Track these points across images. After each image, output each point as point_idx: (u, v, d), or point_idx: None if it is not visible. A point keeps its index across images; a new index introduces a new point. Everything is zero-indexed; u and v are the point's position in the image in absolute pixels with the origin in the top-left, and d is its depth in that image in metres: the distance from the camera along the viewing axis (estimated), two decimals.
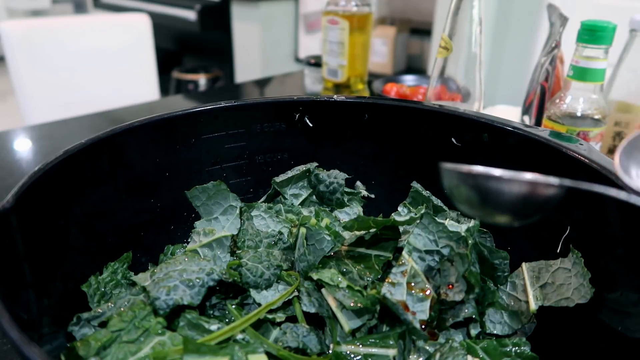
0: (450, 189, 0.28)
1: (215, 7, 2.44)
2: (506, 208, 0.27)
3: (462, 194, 0.28)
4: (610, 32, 0.54)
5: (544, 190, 0.26)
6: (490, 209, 0.27)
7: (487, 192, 0.26)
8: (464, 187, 0.27)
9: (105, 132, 0.40)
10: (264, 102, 0.49)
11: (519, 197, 0.26)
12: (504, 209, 0.27)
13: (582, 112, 0.58)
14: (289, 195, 0.51)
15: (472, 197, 0.27)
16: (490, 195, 0.26)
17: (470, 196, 0.27)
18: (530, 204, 0.26)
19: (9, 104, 3.53)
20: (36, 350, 0.22)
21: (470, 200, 0.27)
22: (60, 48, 1.38)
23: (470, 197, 0.27)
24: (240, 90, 1.34)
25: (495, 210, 0.27)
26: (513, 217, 0.27)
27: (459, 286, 0.37)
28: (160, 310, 0.33)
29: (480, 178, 0.26)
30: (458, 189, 0.28)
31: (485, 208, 0.27)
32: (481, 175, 0.26)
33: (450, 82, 0.62)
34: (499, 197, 0.26)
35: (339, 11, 0.94)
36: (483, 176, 0.26)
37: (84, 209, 0.38)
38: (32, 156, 0.85)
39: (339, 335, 0.36)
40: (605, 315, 0.34)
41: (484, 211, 0.28)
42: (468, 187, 0.27)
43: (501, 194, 0.26)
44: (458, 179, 0.27)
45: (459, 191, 0.28)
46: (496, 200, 0.27)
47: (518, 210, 0.27)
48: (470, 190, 0.27)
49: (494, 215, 0.28)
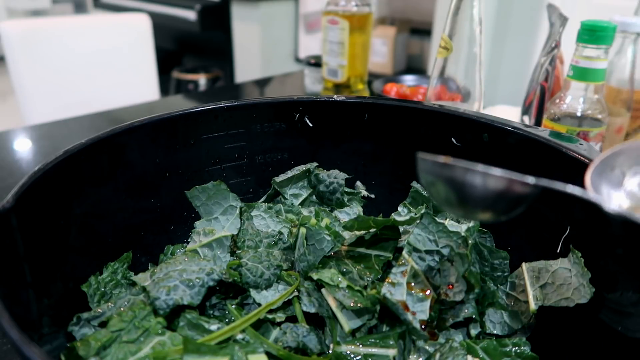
0: (425, 181, 0.28)
1: (215, 7, 2.44)
2: (479, 203, 0.27)
3: (437, 186, 0.27)
4: (610, 32, 0.54)
5: (520, 187, 0.26)
6: (463, 203, 0.27)
7: (462, 186, 0.26)
8: (439, 179, 0.27)
9: (105, 132, 0.40)
10: (264, 102, 0.49)
11: (494, 192, 0.26)
12: (478, 204, 0.27)
13: (582, 112, 0.58)
14: (289, 195, 0.51)
15: (446, 190, 0.27)
16: (465, 189, 0.26)
17: (445, 189, 0.27)
18: (506, 200, 0.26)
19: (9, 104, 3.53)
20: (36, 350, 0.22)
21: (444, 193, 0.27)
22: (60, 48, 1.38)
23: (445, 190, 0.27)
24: (240, 90, 1.34)
25: (469, 205, 0.27)
26: (486, 213, 0.27)
27: (459, 286, 0.37)
28: (160, 310, 0.33)
29: (456, 170, 0.26)
30: (433, 181, 0.27)
31: (459, 202, 0.27)
32: (458, 167, 0.26)
33: (450, 82, 0.62)
34: (473, 192, 0.26)
35: (339, 11, 0.94)
36: (459, 168, 0.26)
37: (84, 209, 0.38)
38: (32, 156, 0.85)
39: (339, 335, 0.36)
40: (605, 315, 0.34)
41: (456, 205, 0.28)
42: (443, 179, 0.27)
43: (475, 189, 0.26)
44: (434, 171, 0.27)
45: (433, 183, 0.27)
46: (469, 195, 0.26)
47: (492, 206, 0.27)
48: (445, 183, 0.27)
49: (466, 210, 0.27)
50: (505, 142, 0.43)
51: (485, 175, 0.26)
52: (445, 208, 0.28)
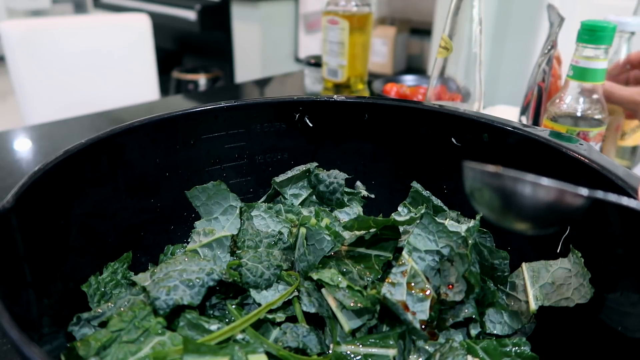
0: (472, 190, 0.27)
1: (215, 7, 2.44)
2: (527, 214, 0.26)
3: (483, 195, 0.27)
4: (610, 32, 0.54)
5: (571, 199, 0.25)
6: (511, 213, 0.26)
7: (511, 196, 0.26)
8: (486, 188, 0.26)
9: (105, 132, 0.40)
10: (264, 102, 0.49)
11: (543, 204, 0.25)
12: (525, 215, 0.26)
13: (582, 112, 0.58)
14: (289, 195, 0.51)
15: (495, 199, 0.26)
16: (514, 199, 0.25)
17: (492, 198, 0.26)
18: (553, 212, 0.25)
19: (9, 104, 3.53)
20: (36, 350, 0.22)
21: (491, 202, 0.27)
22: (60, 48, 1.38)
23: (492, 199, 0.26)
24: (240, 90, 1.34)
25: (515, 216, 0.26)
26: (532, 224, 0.27)
27: (459, 286, 0.37)
28: (160, 310, 0.33)
29: (506, 180, 0.25)
30: (480, 190, 0.27)
31: (506, 212, 0.26)
32: (507, 177, 0.25)
33: (450, 82, 0.62)
34: (522, 202, 0.25)
35: (339, 11, 0.94)
36: (509, 178, 0.25)
37: (84, 209, 0.38)
38: (32, 156, 0.85)
39: (339, 335, 0.36)
40: (605, 315, 0.34)
41: (503, 215, 0.27)
42: (491, 188, 0.26)
43: (525, 199, 0.25)
44: (482, 180, 0.26)
45: (480, 192, 0.27)
46: (519, 205, 0.26)
47: (539, 217, 0.26)
48: (493, 192, 0.26)
49: (513, 221, 0.27)
50: (505, 142, 0.43)
51: (536, 186, 0.25)
52: (489, 217, 0.28)
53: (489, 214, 0.28)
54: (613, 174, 0.34)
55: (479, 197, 0.27)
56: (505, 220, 0.27)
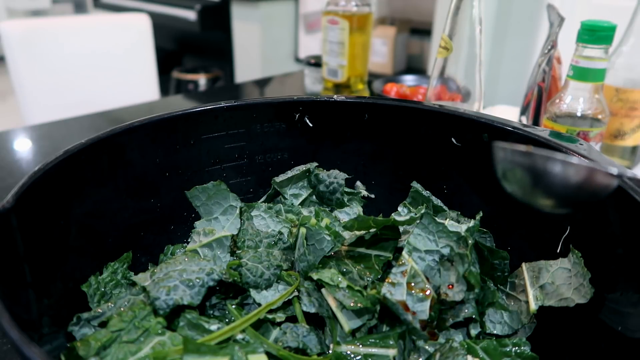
0: (504, 170, 0.28)
1: (215, 7, 2.44)
2: (557, 192, 0.26)
3: (516, 175, 0.27)
4: (610, 32, 0.54)
5: (601, 178, 0.25)
6: (540, 191, 0.27)
7: (542, 174, 0.26)
8: (518, 167, 0.27)
9: (105, 132, 0.40)
10: (264, 102, 0.49)
11: (573, 182, 0.26)
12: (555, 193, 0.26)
13: (582, 112, 0.58)
14: (289, 195, 0.51)
15: (526, 178, 0.27)
16: (545, 177, 0.26)
17: (524, 178, 0.27)
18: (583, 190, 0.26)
19: (9, 104, 3.53)
20: (36, 350, 0.22)
21: (522, 181, 0.27)
22: (60, 48, 1.38)
23: (524, 178, 0.27)
24: (240, 90, 1.34)
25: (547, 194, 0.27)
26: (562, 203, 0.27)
27: (459, 286, 0.37)
28: (160, 310, 0.33)
29: (537, 158, 0.26)
30: (512, 170, 0.27)
31: (537, 191, 0.27)
32: (539, 156, 0.26)
33: (450, 82, 0.62)
34: (553, 180, 0.26)
35: (339, 11, 0.94)
36: (541, 157, 0.26)
37: (84, 209, 0.38)
38: (32, 156, 0.85)
39: (339, 335, 0.36)
40: (605, 315, 0.34)
41: (533, 193, 0.27)
42: (523, 168, 0.26)
43: (555, 177, 0.26)
44: (513, 159, 0.27)
45: (513, 172, 0.27)
46: (550, 183, 0.26)
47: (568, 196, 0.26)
48: (524, 172, 0.26)
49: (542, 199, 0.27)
50: (505, 142, 0.43)
51: (567, 164, 0.25)
52: (521, 197, 0.28)
53: (519, 191, 0.28)
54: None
55: (511, 177, 0.28)
56: (537, 199, 0.28)
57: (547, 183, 0.26)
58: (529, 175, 0.27)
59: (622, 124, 0.68)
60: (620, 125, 0.68)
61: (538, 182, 0.27)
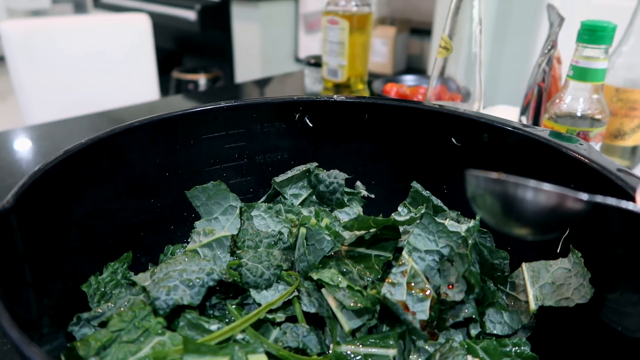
0: (474, 196, 0.28)
1: (215, 7, 2.44)
2: (529, 219, 0.26)
3: (486, 201, 0.27)
4: (610, 32, 0.54)
5: (572, 203, 0.25)
6: (512, 219, 0.27)
7: (513, 201, 0.26)
8: (489, 194, 0.27)
9: (105, 132, 0.40)
10: (264, 102, 0.49)
11: (544, 209, 0.26)
12: (526, 220, 0.26)
13: (582, 112, 0.58)
14: (289, 195, 0.51)
15: (496, 205, 0.27)
16: (515, 204, 0.26)
17: (494, 204, 0.27)
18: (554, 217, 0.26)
19: (9, 104, 3.53)
20: (36, 350, 0.22)
21: (494, 209, 0.27)
22: (60, 48, 1.38)
23: (494, 205, 0.27)
24: (240, 90, 1.34)
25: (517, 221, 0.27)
26: (533, 230, 0.27)
27: (459, 286, 0.37)
28: (160, 310, 0.33)
29: (508, 186, 0.26)
30: (482, 196, 0.27)
31: (508, 217, 0.27)
32: (509, 183, 0.26)
33: (450, 82, 0.62)
34: (524, 207, 0.26)
35: (339, 11, 0.94)
36: (511, 184, 0.26)
37: (84, 209, 0.38)
38: (32, 156, 0.85)
39: (339, 335, 0.36)
40: (605, 315, 0.34)
41: (505, 221, 0.27)
42: (493, 194, 0.27)
43: (526, 204, 0.26)
44: (484, 186, 0.27)
45: (483, 198, 0.27)
46: (520, 210, 0.26)
47: (540, 222, 0.26)
48: (495, 198, 0.27)
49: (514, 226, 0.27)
50: (505, 142, 0.43)
51: (537, 191, 0.25)
52: (491, 223, 0.28)
53: (491, 219, 0.28)
54: (613, 174, 0.34)
55: (481, 203, 0.28)
56: (507, 225, 0.28)
57: (518, 209, 0.26)
58: (500, 202, 0.27)
59: (622, 124, 0.68)
60: (620, 125, 0.68)
61: (509, 209, 0.27)
